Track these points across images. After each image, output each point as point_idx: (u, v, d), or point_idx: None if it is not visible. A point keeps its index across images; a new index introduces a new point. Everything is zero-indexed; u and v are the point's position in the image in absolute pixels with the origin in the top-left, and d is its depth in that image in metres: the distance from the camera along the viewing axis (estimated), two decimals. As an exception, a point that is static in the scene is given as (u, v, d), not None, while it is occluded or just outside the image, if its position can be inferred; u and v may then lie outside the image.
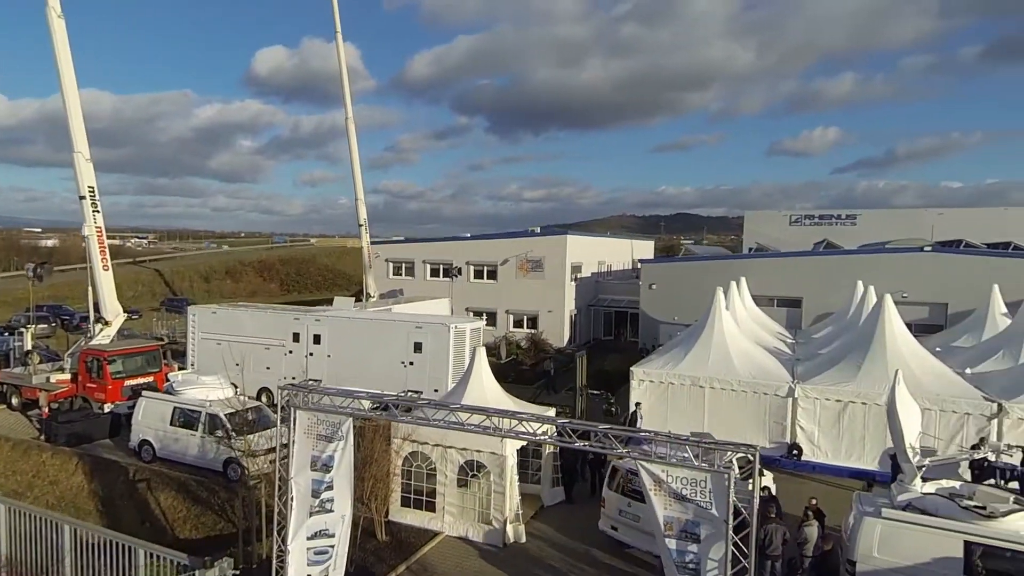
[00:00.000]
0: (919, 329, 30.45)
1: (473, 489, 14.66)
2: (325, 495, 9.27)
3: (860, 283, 28.67)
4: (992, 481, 14.76)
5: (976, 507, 11.01)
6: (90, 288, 25.76)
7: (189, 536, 16.42)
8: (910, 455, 11.48)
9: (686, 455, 6.87)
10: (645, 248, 59.20)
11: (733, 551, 6.64)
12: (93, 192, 24.16)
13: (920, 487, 11.44)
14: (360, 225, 39.25)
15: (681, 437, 7.02)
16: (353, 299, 31.47)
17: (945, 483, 11.96)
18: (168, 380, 20.94)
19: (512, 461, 14.39)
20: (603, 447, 7.28)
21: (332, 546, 9.46)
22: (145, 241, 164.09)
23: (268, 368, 26.05)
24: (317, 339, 25.04)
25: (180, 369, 27.83)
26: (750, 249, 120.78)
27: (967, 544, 10.54)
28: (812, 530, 11.89)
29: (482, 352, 16.09)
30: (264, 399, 26.16)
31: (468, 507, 14.70)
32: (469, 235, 46.41)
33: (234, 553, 13.53)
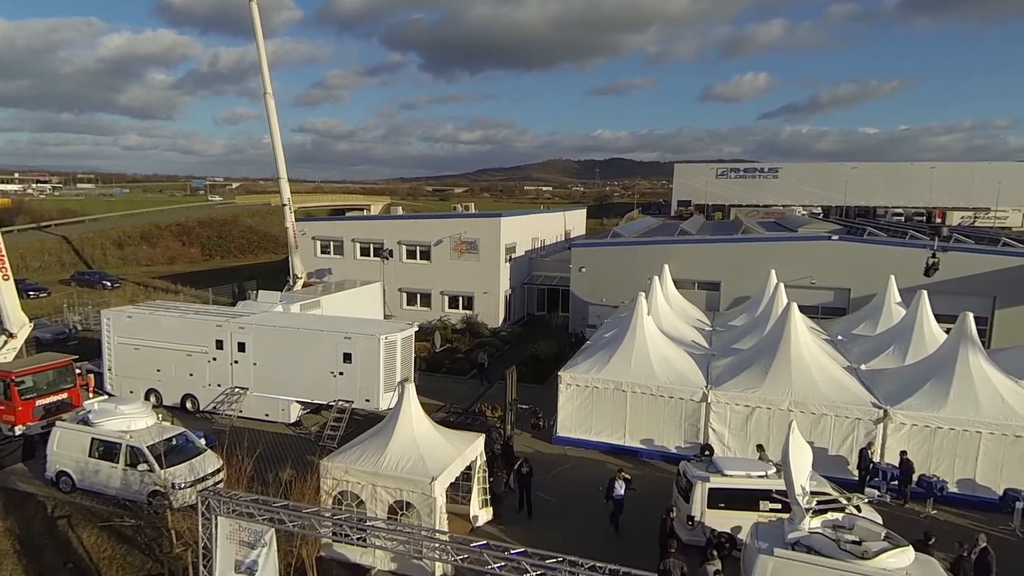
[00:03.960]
0: (825, 312, 32.82)
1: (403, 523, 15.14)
2: (251, 594, 9.53)
3: (773, 273, 30.33)
4: (876, 491, 16.46)
5: (853, 543, 12.39)
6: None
7: (116, 577, 16.25)
8: (799, 498, 12.66)
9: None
10: (578, 219, 59.89)
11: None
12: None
13: (808, 526, 12.69)
14: (284, 205, 37.98)
15: (586, 564, 7.63)
16: (279, 293, 30.67)
17: (831, 516, 13.29)
18: (84, 409, 20.11)
19: (441, 501, 14.92)
20: (517, 573, 7.83)
21: (263, 636, 9.79)
22: (48, 186, 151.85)
23: (191, 375, 25.43)
24: (242, 347, 24.50)
25: (95, 379, 26.85)
26: (679, 203, 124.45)
27: (844, 580, 11.91)
28: (712, 567, 13.05)
29: (411, 388, 16.29)
30: (189, 405, 25.72)
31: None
32: (400, 212, 45.65)
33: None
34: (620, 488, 16.80)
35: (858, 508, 15.10)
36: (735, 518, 15.35)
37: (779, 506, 14.53)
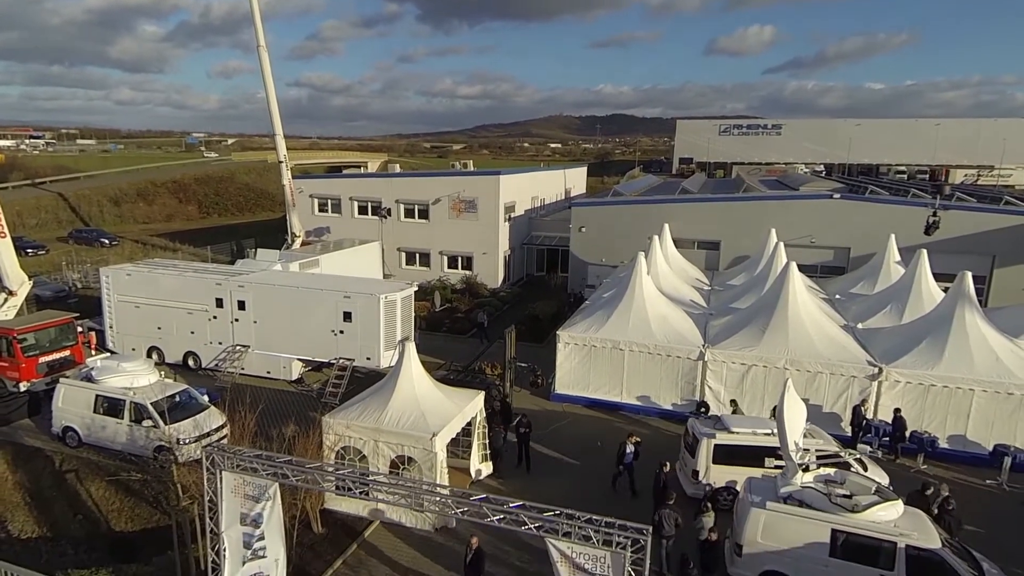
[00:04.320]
0: (824, 271, 32.85)
1: (404, 477, 15.47)
2: (257, 545, 9.78)
3: (773, 232, 30.23)
4: (868, 447, 16.76)
5: (844, 496, 12.71)
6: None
7: (125, 529, 16.66)
8: (792, 454, 12.92)
9: (588, 535, 7.71)
10: (578, 177, 59.26)
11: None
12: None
13: (801, 480, 12.98)
14: (280, 162, 37.45)
15: (583, 517, 7.82)
16: (278, 252, 30.60)
17: (823, 471, 13.59)
18: (87, 366, 20.29)
19: (442, 456, 15.20)
20: (516, 525, 8.03)
21: (269, 584, 10.12)
22: (41, 142, 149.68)
23: (192, 332, 25.59)
24: (242, 305, 24.58)
25: (96, 337, 27.03)
26: (680, 160, 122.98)
27: (833, 531, 12.28)
28: (708, 519, 13.40)
29: (412, 346, 16.42)
30: (191, 362, 25.96)
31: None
32: (399, 170, 45.15)
33: (171, 558, 14.10)
34: (630, 452, 16.87)
35: (864, 466, 15.42)
36: (739, 474, 15.44)
37: (783, 463, 14.68)
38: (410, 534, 15.30)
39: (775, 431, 15.58)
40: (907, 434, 18.63)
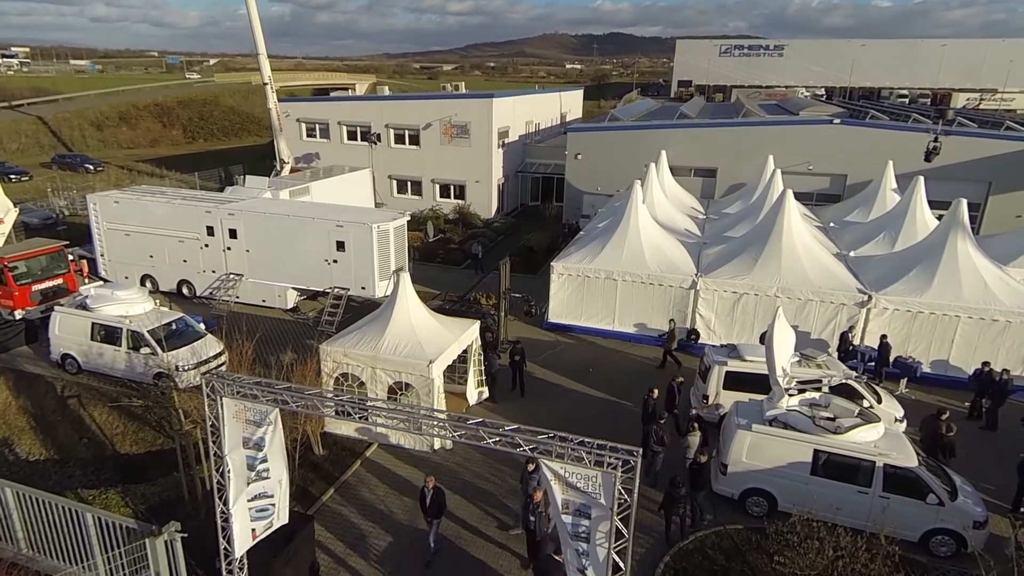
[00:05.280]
0: (820, 199, 32.69)
1: (402, 402, 15.87)
2: (260, 467, 10.07)
3: (771, 158, 29.85)
4: (853, 372, 17.10)
5: (827, 419, 13.17)
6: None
7: (130, 451, 17.13)
8: (780, 379, 13.27)
9: (580, 457, 8.00)
10: (574, 100, 57.63)
11: (616, 528, 8.08)
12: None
13: (786, 404, 13.40)
14: (265, 84, 36.21)
15: (575, 439, 8.08)
16: (267, 179, 30.07)
17: (809, 395, 14.01)
18: (81, 294, 20.25)
19: (438, 382, 15.53)
20: (511, 447, 8.30)
21: (273, 504, 10.51)
22: (15, 61, 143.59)
23: (185, 261, 25.48)
24: (233, 233, 24.36)
25: (88, 265, 26.89)
26: (679, 83, 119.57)
27: (815, 451, 12.80)
28: (694, 438, 13.90)
29: (406, 276, 16.43)
30: (185, 291, 25.99)
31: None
32: (388, 93, 43.75)
33: (176, 479, 14.62)
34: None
35: (879, 397, 15.77)
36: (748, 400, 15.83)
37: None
38: (409, 453, 15.85)
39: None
40: (891, 359, 19.10)
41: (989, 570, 8.06)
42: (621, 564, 8.39)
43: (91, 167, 52.19)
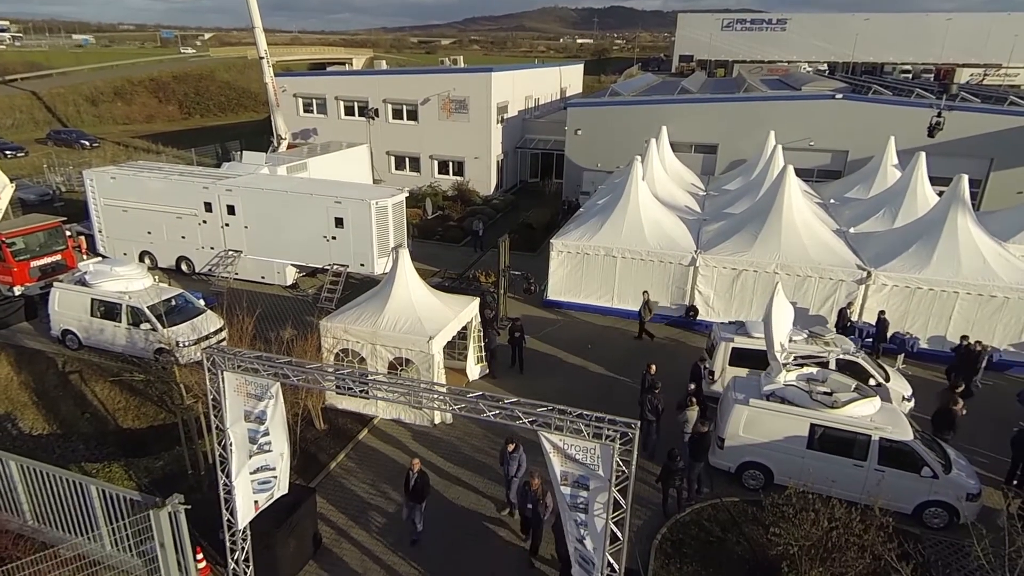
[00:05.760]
0: (820, 175, 32.53)
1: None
2: (262, 440, 10.15)
3: (772, 134, 29.63)
4: (851, 346, 17.17)
5: (824, 394, 13.27)
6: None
7: (132, 426, 17.27)
8: (777, 354, 13.34)
9: (579, 429, 8.07)
10: (574, 75, 56.95)
11: (614, 499, 8.19)
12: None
13: (784, 379, 13.49)
14: (261, 58, 35.76)
15: (574, 412, 8.15)
16: (264, 154, 29.83)
17: (807, 370, 14.10)
18: (79, 270, 20.23)
19: (439, 357, 15.60)
20: (510, 419, 8.37)
21: (275, 476, 10.62)
22: (7, 35, 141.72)
23: (183, 237, 25.41)
24: (231, 209, 24.25)
25: (87, 241, 26.83)
26: (681, 58, 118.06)
27: (812, 426, 12.92)
28: (692, 413, 14.01)
29: (405, 253, 16.40)
30: (184, 267, 25.97)
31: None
32: (385, 67, 43.21)
33: (178, 452, 14.76)
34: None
35: (887, 375, 15.78)
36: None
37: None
38: (410, 428, 15.99)
39: (796, 340, 15.52)
40: (888, 335, 19.18)
41: (981, 540, 8.19)
42: (619, 534, 8.51)
43: (87, 143, 51.78)
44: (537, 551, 11.89)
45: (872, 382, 15.13)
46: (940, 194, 21.98)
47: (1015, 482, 13.72)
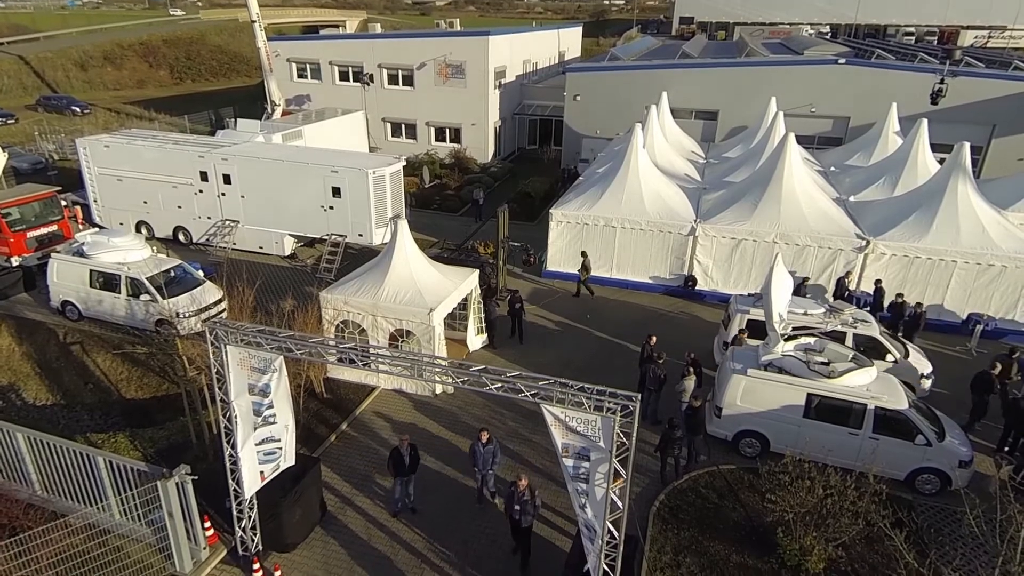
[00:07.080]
0: (821, 142, 32.27)
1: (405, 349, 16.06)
2: (267, 412, 10.25)
3: (773, 100, 29.26)
4: (849, 316, 17.28)
5: (822, 364, 13.41)
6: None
7: (136, 396, 17.43)
8: (776, 324, 13.43)
9: (581, 402, 8.18)
10: (573, 38, 55.81)
11: (615, 469, 8.36)
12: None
13: (782, 350, 13.61)
14: (253, 21, 34.99)
15: (576, 385, 8.25)
16: (258, 122, 29.43)
17: (804, 340, 14.22)
18: (76, 241, 20.10)
19: (439, 329, 15.67)
20: (513, 392, 8.47)
21: (280, 447, 10.77)
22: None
23: (180, 207, 25.22)
24: (227, 179, 24.02)
25: (82, 211, 26.62)
26: (681, 20, 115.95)
27: (808, 395, 13.09)
28: (689, 382, 14.17)
29: (404, 224, 16.32)
30: (181, 237, 25.84)
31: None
32: (379, 30, 42.33)
33: (183, 423, 14.91)
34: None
35: (906, 353, 15.81)
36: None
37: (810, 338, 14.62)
38: (411, 397, 16.15)
39: (811, 312, 15.58)
40: (885, 304, 19.28)
41: (973, 507, 8.40)
42: (619, 503, 8.71)
43: (78, 109, 50.93)
44: (528, 565, 11.19)
45: (890, 358, 15.23)
46: (941, 162, 21.84)
47: (1007, 448, 13.99)
